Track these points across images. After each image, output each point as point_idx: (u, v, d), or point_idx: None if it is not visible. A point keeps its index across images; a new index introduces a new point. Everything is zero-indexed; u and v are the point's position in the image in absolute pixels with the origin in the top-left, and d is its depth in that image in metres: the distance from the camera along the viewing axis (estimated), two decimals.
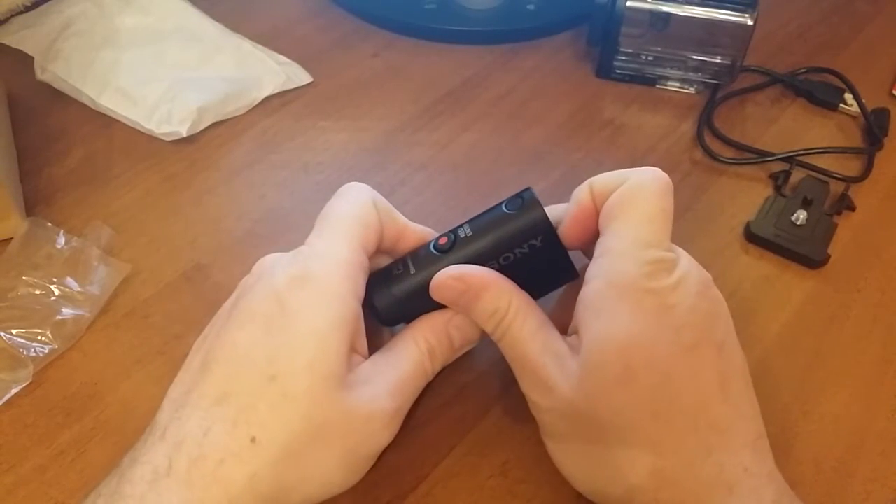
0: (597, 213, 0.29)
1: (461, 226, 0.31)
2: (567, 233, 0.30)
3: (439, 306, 0.30)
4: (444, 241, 0.30)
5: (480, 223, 0.30)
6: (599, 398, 0.26)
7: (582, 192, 0.30)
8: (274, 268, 0.29)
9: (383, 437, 0.28)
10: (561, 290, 0.33)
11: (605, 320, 0.27)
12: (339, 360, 0.27)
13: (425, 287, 0.29)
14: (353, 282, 0.28)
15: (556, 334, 0.29)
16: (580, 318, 0.28)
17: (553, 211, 0.31)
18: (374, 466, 0.32)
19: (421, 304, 0.30)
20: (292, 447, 0.25)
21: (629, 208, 0.28)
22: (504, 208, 0.30)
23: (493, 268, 0.29)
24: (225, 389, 0.26)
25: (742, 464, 0.25)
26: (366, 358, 0.29)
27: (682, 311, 0.26)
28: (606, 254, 0.28)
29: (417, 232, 0.32)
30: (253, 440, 0.25)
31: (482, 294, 0.29)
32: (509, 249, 0.29)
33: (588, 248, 0.32)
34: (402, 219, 0.32)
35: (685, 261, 0.28)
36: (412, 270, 0.30)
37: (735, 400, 0.27)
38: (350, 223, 0.29)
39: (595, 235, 0.30)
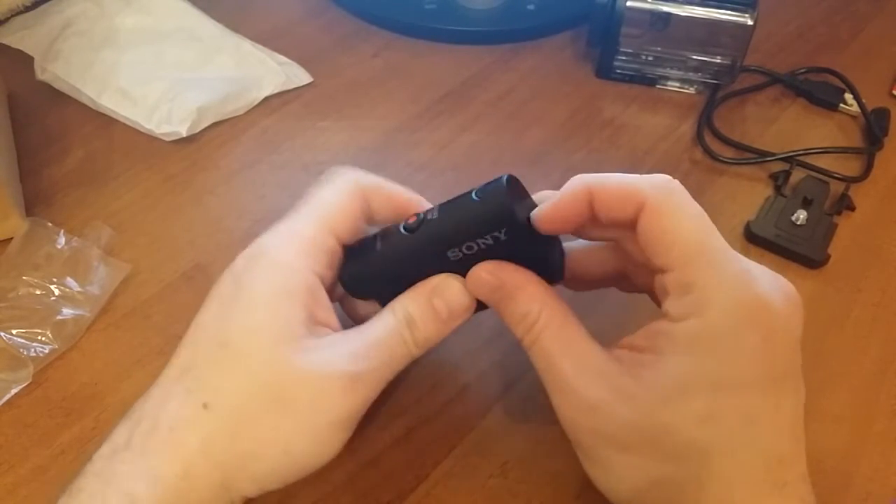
0: (590, 214, 0.27)
1: (432, 208, 0.29)
2: (543, 217, 0.27)
3: (409, 283, 0.29)
4: (412, 220, 0.29)
5: (448, 207, 0.29)
6: (673, 430, 0.25)
7: (578, 190, 0.27)
8: (242, 254, 0.29)
9: (346, 401, 0.27)
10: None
11: (701, 359, 0.25)
12: (290, 324, 0.27)
13: (389, 262, 0.29)
14: (307, 256, 0.28)
15: (597, 350, 0.27)
16: (663, 349, 0.26)
17: (540, 198, 0.29)
18: (374, 466, 0.32)
19: (386, 278, 0.29)
20: (244, 410, 0.26)
21: (681, 238, 0.26)
22: (473, 194, 0.28)
23: (455, 258, 0.28)
24: (185, 365, 0.27)
25: (800, 495, 0.25)
26: (334, 325, 0.29)
27: (780, 338, 0.25)
28: (693, 290, 0.25)
29: (422, 205, 0.32)
30: (205, 406, 0.26)
31: (515, 294, 0.27)
32: (471, 239, 0.28)
33: (594, 284, 0.31)
34: (403, 195, 0.31)
35: (759, 267, 0.26)
36: (378, 246, 0.30)
37: (800, 431, 0.26)
38: (320, 206, 0.29)
39: (575, 228, 0.28)
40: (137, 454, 0.25)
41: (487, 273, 0.28)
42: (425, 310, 0.29)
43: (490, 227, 0.27)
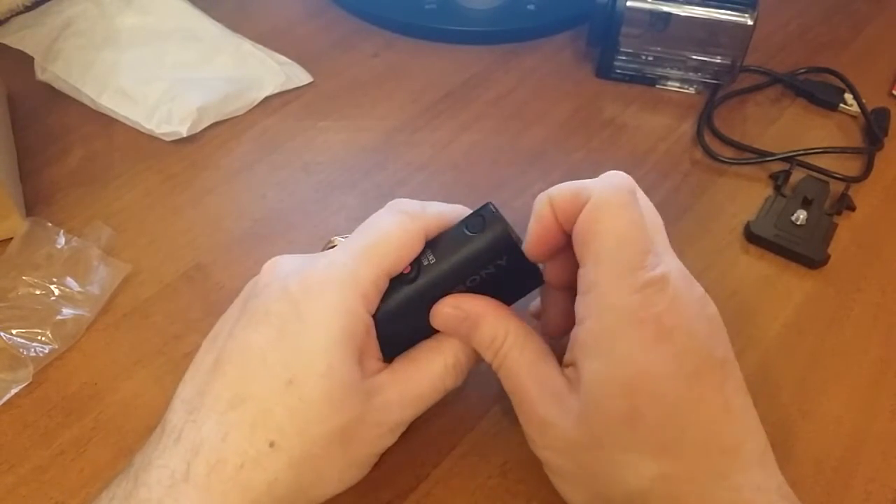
0: (559, 228, 0.28)
1: (424, 251, 0.29)
2: (531, 251, 0.29)
3: (415, 335, 0.30)
4: (408, 270, 0.29)
5: (443, 248, 0.29)
6: (604, 437, 0.26)
7: (542, 208, 0.28)
8: (288, 270, 0.28)
9: (389, 441, 0.29)
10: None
11: (603, 360, 0.26)
12: (353, 367, 0.27)
13: (390, 316, 0.29)
14: (366, 300, 0.28)
15: (554, 368, 0.28)
16: (577, 356, 0.27)
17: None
18: (374, 466, 0.32)
19: (392, 331, 0.29)
20: (309, 451, 0.26)
21: (599, 233, 0.26)
22: (465, 230, 0.29)
23: (460, 290, 0.29)
24: (240, 392, 0.26)
25: (754, 482, 0.25)
26: (380, 360, 0.29)
27: (681, 336, 0.25)
28: (591, 289, 0.26)
29: None
30: (272, 445, 0.25)
31: (480, 322, 0.28)
32: (475, 272, 0.29)
33: (553, 261, 0.31)
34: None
35: (675, 273, 0.26)
36: (382, 307, 0.29)
37: (740, 417, 0.26)
38: (381, 249, 0.28)
39: (559, 248, 0.29)
40: (200, 489, 0.24)
41: (451, 308, 0.29)
42: (471, 353, 0.30)
43: (492, 256, 0.28)
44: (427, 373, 0.29)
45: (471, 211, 0.30)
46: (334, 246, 0.31)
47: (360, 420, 0.27)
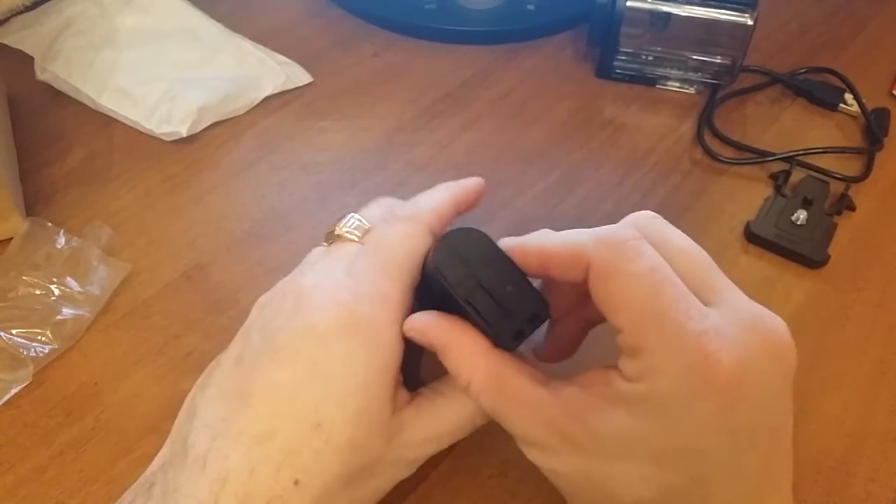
0: (549, 276, 0.26)
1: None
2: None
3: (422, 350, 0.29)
4: None
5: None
6: (620, 484, 0.24)
7: (531, 260, 0.26)
8: (315, 302, 0.27)
9: (406, 474, 0.29)
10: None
11: (648, 424, 0.23)
12: (384, 407, 0.27)
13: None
14: (398, 323, 0.27)
15: (541, 398, 0.26)
16: (610, 400, 0.24)
17: (504, 244, 0.28)
18: None
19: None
20: (330, 489, 0.26)
21: (618, 302, 0.24)
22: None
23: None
24: (267, 429, 0.25)
25: None
26: (402, 387, 0.28)
27: (746, 406, 0.23)
28: (640, 354, 0.23)
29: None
30: (296, 483, 0.25)
31: (445, 354, 0.27)
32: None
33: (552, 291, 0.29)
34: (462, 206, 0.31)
35: (737, 313, 0.24)
36: None
37: (770, 492, 0.25)
38: (401, 262, 0.28)
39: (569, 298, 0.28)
40: None
41: (414, 331, 0.27)
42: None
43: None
44: (456, 411, 0.28)
45: (456, 185, 0.30)
46: (336, 235, 0.30)
47: (381, 459, 0.27)
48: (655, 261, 0.24)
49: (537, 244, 0.27)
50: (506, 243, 0.27)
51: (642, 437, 0.24)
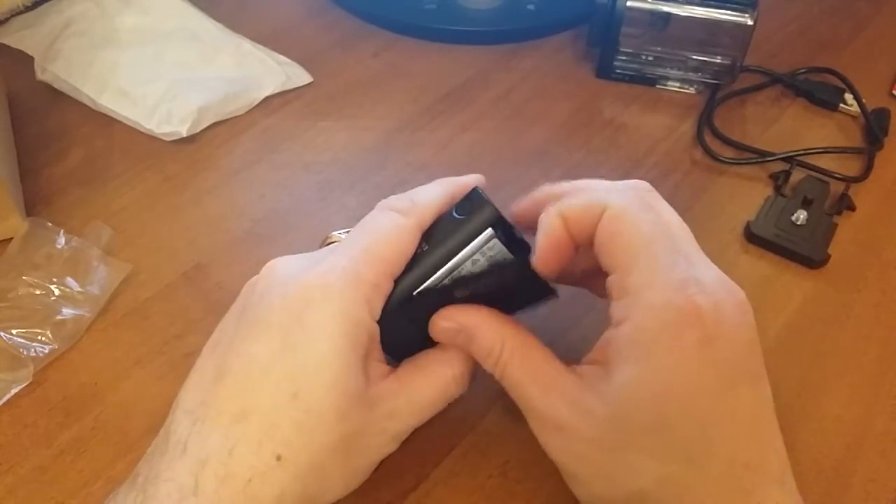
0: (572, 243, 0.28)
1: (420, 242, 0.29)
2: (543, 267, 0.28)
3: (415, 330, 0.30)
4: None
5: (435, 235, 0.29)
6: (628, 442, 0.25)
7: (552, 222, 0.28)
8: (288, 275, 0.28)
9: (391, 448, 0.29)
10: None
11: (639, 366, 0.25)
12: (359, 377, 0.27)
13: (386, 314, 0.28)
14: (370, 304, 0.28)
15: (560, 370, 0.28)
16: (609, 358, 0.26)
17: (515, 211, 0.31)
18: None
19: (392, 328, 0.29)
20: (316, 462, 0.26)
21: (624, 238, 0.26)
22: (455, 214, 0.29)
23: (462, 295, 0.29)
24: (245, 405, 0.26)
25: (774, 499, 0.25)
26: (384, 363, 0.29)
27: (723, 344, 0.24)
28: (626, 293, 0.26)
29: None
30: (279, 458, 0.25)
31: (475, 334, 0.28)
32: (469, 256, 0.28)
33: (566, 279, 0.31)
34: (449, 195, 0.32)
35: (713, 275, 0.26)
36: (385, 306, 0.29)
37: (766, 433, 0.26)
38: (380, 249, 0.28)
39: (570, 264, 0.29)
40: (211, 503, 0.25)
41: (444, 320, 0.29)
42: (472, 363, 0.30)
43: (479, 228, 0.28)
44: (434, 381, 0.29)
45: (454, 182, 0.31)
46: (332, 242, 0.31)
47: (364, 429, 0.27)
48: (655, 218, 0.27)
49: (563, 203, 0.28)
50: (521, 205, 0.30)
51: (638, 380, 0.25)
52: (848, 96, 0.51)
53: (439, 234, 0.29)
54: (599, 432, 0.26)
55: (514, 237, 0.29)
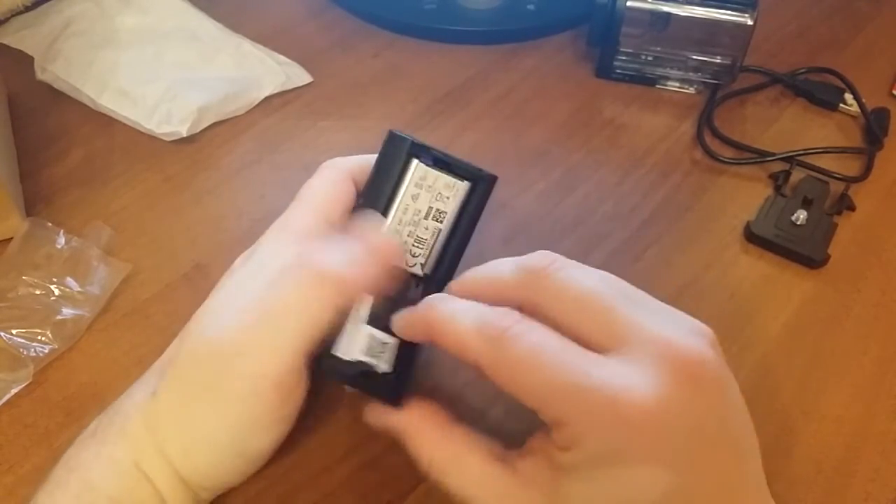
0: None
1: (357, 201, 0.31)
2: (397, 325, 0.28)
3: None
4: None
5: (366, 184, 0.31)
6: None
7: (416, 326, 0.28)
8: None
9: (268, 401, 0.27)
10: None
11: (595, 482, 0.23)
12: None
13: None
14: (302, 238, 0.29)
15: (493, 471, 0.26)
16: (558, 472, 0.24)
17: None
18: (374, 466, 0.32)
19: None
20: (178, 398, 0.27)
21: (524, 388, 0.24)
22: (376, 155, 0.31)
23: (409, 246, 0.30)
24: (167, 358, 0.29)
25: None
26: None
27: (676, 440, 0.22)
28: (563, 426, 0.23)
29: None
30: (154, 394, 0.27)
31: (404, 438, 0.28)
32: (395, 191, 0.29)
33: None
34: None
35: (644, 345, 0.23)
36: None
37: (732, 485, 0.24)
38: (311, 198, 0.31)
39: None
40: (98, 442, 0.26)
41: (373, 420, 0.29)
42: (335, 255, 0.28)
43: (399, 160, 0.29)
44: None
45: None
46: None
47: (219, 351, 0.27)
48: (536, 337, 0.24)
49: (435, 319, 0.27)
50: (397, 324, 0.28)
51: (592, 499, 0.23)
52: (848, 96, 0.51)
53: (369, 184, 0.30)
54: None
55: (449, 159, 0.30)
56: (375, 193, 0.30)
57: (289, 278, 0.27)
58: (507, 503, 0.25)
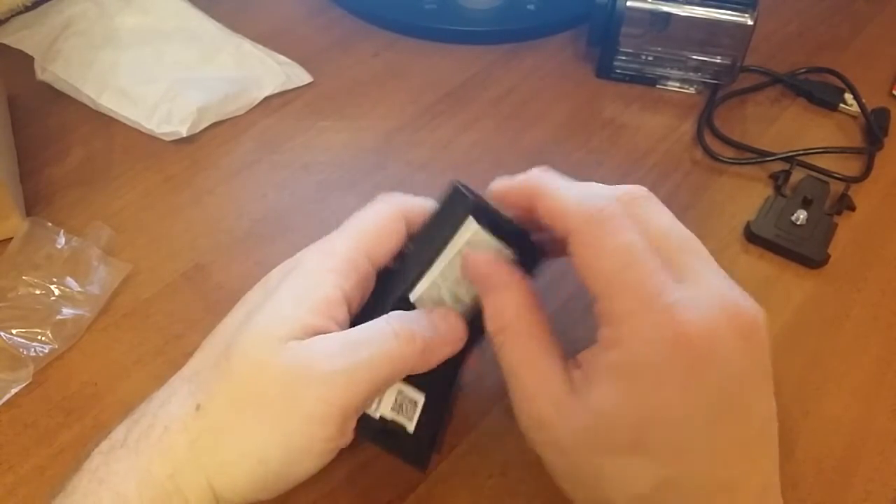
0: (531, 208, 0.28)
1: (406, 244, 0.30)
2: (497, 189, 0.29)
3: None
4: (391, 264, 0.30)
5: (419, 232, 0.30)
6: (602, 454, 0.25)
7: (524, 189, 0.28)
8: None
9: (319, 402, 0.26)
10: None
11: (622, 391, 0.24)
12: (288, 323, 0.26)
13: (368, 309, 0.29)
14: (337, 273, 0.28)
15: (557, 367, 0.26)
16: (592, 374, 0.25)
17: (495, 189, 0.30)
18: (374, 466, 0.32)
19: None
20: (227, 415, 0.26)
21: (593, 270, 0.25)
22: (436, 204, 0.30)
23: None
24: (196, 367, 0.28)
25: None
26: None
27: (713, 373, 0.23)
28: (612, 321, 0.24)
29: None
30: (198, 407, 0.26)
31: (491, 290, 0.28)
32: (446, 243, 0.28)
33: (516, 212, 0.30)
34: None
35: (713, 292, 0.24)
36: (376, 291, 0.30)
37: (752, 456, 0.25)
38: (358, 228, 0.29)
39: (524, 214, 0.28)
40: (132, 452, 0.25)
41: (476, 260, 0.28)
42: (424, 324, 0.28)
43: (456, 217, 0.28)
44: (374, 330, 0.27)
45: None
46: None
47: (273, 377, 0.26)
48: (631, 237, 0.25)
49: (541, 188, 0.27)
50: (499, 185, 0.29)
51: (620, 404, 0.24)
52: (848, 96, 0.51)
53: (421, 230, 0.30)
54: (575, 440, 0.25)
55: (502, 223, 0.29)
56: (426, 247, 0.29)
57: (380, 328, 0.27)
58: (548, 400, 0.26)
